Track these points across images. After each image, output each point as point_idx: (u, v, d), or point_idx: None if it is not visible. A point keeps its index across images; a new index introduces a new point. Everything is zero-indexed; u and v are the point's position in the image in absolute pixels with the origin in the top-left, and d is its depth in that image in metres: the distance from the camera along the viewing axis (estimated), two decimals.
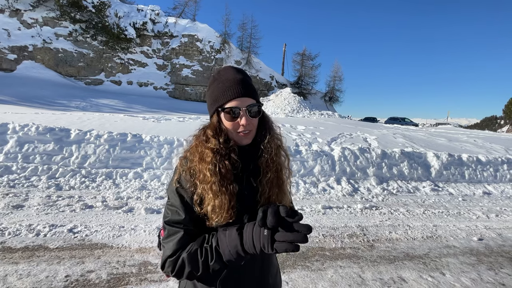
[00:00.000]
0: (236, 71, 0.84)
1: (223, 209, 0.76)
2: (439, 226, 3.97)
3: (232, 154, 0.81)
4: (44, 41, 20.36)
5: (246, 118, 0.79)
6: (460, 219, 4.35)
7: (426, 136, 10.20)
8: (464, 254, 3.19)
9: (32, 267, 2.32)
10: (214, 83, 0.84)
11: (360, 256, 2.98)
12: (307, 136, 7.72)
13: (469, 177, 6.34)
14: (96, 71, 22.26)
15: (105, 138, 5.22)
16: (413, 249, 3.24)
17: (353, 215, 4.18)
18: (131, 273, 2.35)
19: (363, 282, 2.49)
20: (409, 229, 3.79)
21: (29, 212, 3.38)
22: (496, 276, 2.76)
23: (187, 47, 24.63)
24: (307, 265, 2.70)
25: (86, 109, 14.50)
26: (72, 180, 4.42)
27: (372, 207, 4.53)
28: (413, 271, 2.74)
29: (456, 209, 4.81)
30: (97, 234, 2.99)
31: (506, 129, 38.38)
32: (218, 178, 0.77)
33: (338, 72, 31.05)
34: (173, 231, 0.79)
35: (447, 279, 2.64)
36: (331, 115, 19.54)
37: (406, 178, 5.96)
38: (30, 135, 5.00)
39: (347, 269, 2.69)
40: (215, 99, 0.82)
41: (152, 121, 8.07)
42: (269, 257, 0.92)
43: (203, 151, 0.80)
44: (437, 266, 2.87)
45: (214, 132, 0.82)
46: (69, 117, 7.71)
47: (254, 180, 0.85)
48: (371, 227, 3.76)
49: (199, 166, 0.79)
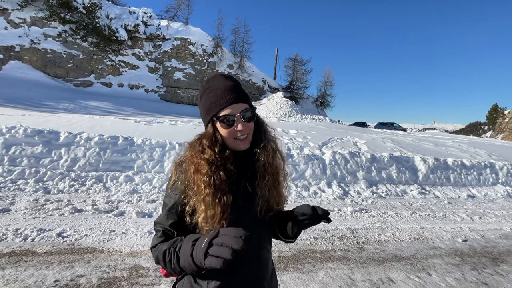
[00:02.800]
0: (225, 78, 0.84)
1: (215, 220, 0.78)
2: (426, 228, 4.09)
3: (227, 164, 0.82)
4: (32, 41, 19.92)
5: (242, 123, 0.80)
6: (445, 221, 4.50)
7: (414, 140, 10.50)
8: (449, 255, 3.31)
9: (19, 272, 2.27)
10: (205, 93, 0.84)
11: (350, 258, 3.04)
12: (299, 140, 7.82)
13: (454, 180, 6.56)
14: (85, 72, 21.90)
15: (95, 141, 5.15)
16: (401, 250, 3.33)
17: (344, 218, 4.27)
18: (122, 277, 2.33)
19: (353, 283, 2.55)
20: (397, 231, 3.89)
21: (15, 216, 3.30)
22: (479, 276, 2.87)
23: (179, 50, 24.58)
24: (298, 267, 2.74)
25: (75, 111, 14.21)
26: (61, 183, 4.34)
27: (362, 210, 4.63)
28: (401, 272, 2.82)
29: (442, 211, 4.97)
30: (87, 238, 2.95)
31: (489, 135, 39.83)
32: (212, 190, 0.78)
33: (329, 78, 31.67)
34: (156, 229, 0.86)
35: (433, 279, 2.73)
36: (322, 120, 19.82)
37: (394, 181, 6.12)
38: (18, 137, 4.88)
39: (337, 270, 2.75)
40: (209, 109, 0.82)
41: (144, 124, 8.00)
42: (265, 260, 0.93)
43: (199, 162, 0.81)
44: (424, 267, 2.97)
45: (210, 142, 0.82)
46: (58, 119, 7.55)
47: (251, 185, 0.87)
48: (361, 230, 3.84)
49: (193, 177, 0.80)
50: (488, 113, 51.27)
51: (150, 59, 24.21)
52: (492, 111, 49.40)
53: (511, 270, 3.04)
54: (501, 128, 30.66)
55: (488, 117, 51.08)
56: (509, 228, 4.38)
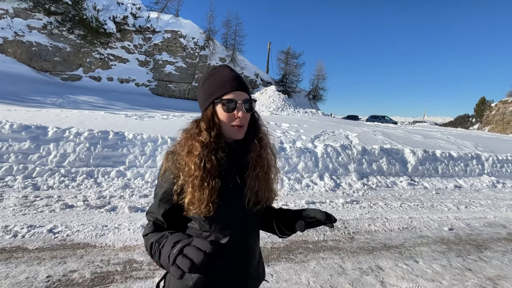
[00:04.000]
0: (231, 69, 0.89)
1: (201, 203, 0.79)
2: (414, 218, 4.22)
3: (220, 151, 0.84)
4: (15, 33, 19.18)
5: (242, 111, 0.82)
6: (433, 211, 4.65)
7: (404, 133, 10.69)
8: (436, 243, 3.43)
9: (10, 268, 2.24)
10: (210, 77, 0.87)
11: (341, 247, 3.12)
12: (291, 134, 7.86)
13: (442, 172, 6.75)
14: (73, 66, 21.29)
15: (85, 136, 5.06)
16: (390, 239, 3.44)
17: (335, 209, 4.35)
18: (115, 271, 2.33)
19: (344, 271, 2.63)
20: (386, 221, 4.00)
21: (4, 213, 3.24)
22: (463, 262, 3.00)
23: (170, 43, 24.12)
24: (291, 257, 2.80)
25: (63, 106, 13.85)
26: (51, 179, 4.26)
27: (353, 201, 4.72)
28: (390, 260, 2.91)
29: (430, 202, 5.12)
30: (79, 233, 2.93)
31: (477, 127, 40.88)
32: (202, 172, 0.80)
33: (321, 71, 31.71)
34: (148, 218, 0.89)
35: (420, 266, 2.83)
36: (315, 113, 19.92)
37: (385, 173, 6.25)
38: (4, 133, 4.75)
39: (328, 260, 2.82)
40: (212, 91, 0.84)
41: (135, 118, 7.89)
42: (251, 248, 0.95)
43: (193, 144, 0.83)
44: (411, 255, 3.07)
45: (207, 125, 0.84)
46: (46, 114, 7.36)
47: (240, 176, 0.88)
48: (352, 220, 3.93)
49: (185, 159, 0.82)
50: (476, 106, 52.49)
51: (140, 52, 23.69)
52: (479, 104, 50.59)
53: (494, 256, 3.18)
54: (488, 120, 31.50)
55: (476, 109, 52.32)
56: (493, 216, 4.55)
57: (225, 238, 0.85)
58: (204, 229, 0.85)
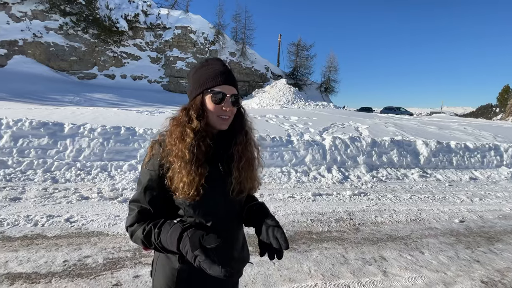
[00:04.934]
0: (223, 63, 0.93)
1: (191, 187, 0.84)
2: (424, 210, 4.15)
3: (207, 138, 0.89)
4: (34, 35, 19.95)
5: (229, 104, 0.88)
6: (444, 203, 4.54)
7: (418, 124, 10.37)
8: (444, 235, 3.37)
9: (31, 254, 2.44)
10: (202, 68, 0.91)
11: (345, 238, 3.14)
12: (300, 127, 7.83)
13: (457, 163, 6.53)
14: (88, 65, 21.96)
15: (98, 132, 5.28)
16: (396, 231, 3.41)
17: (342, 201, 4.34)
18: (126, 257, 2.48)
19: (346, 261, 2.66)
20: (394, 213, 3.96)
21: (26, 204, 3.48)
22: (472, 254, 2.94)
23: (180, 39, 24.30)
24: (293, 247, 2.85)
25: (80, 103, 14.40)
26: (68, 173, 4.51)
27: (360, 193, 4.69)
28: (394, 251, 2.90)
29: (442, 194, 5.00)
30: (93, 223, 3.11)
31: (500, 117, 38.80)
32: (193, 157, 0.85)
33: (333, 63, 30.97)
34: (131, 207, 0.90)
35: (425, 257, 2.81)
36: (326, 106, 19.63)
37: (395, 165, 6.13)
38: (24, 130, 5.04)
39: (331, 250, 2.85)
40: (204, 82, 0.88)
41: (146, 114, 8.11)
42: (235, 233, 1.00)
43: (185, 131, 0.87)
44: (417, 246, 3.05)
45: (197, 113, 0.88)
46: (62, 111, 7.71)
47: (226, 166, 0.93)
48: (358, 212, 3.92)
49: (178, 145, 0.86)
50: (499, 95, 49.72)
51: (152, 49, 24.04)
52: (503, 93, 47.87)
53: (505, 248, 3.10)
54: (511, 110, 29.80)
55: (499, 99, 49.57)
56: (509, 209, 4.39)
57: (208, 222, 0.90)
58: (188, 214, 0.90)
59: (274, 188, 4.72)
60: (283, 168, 5.36)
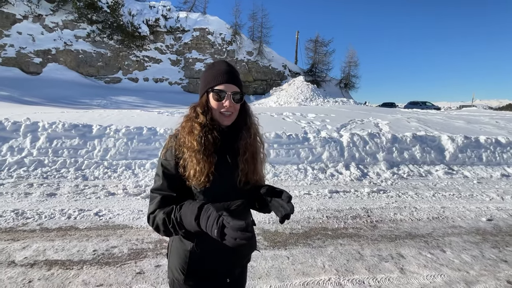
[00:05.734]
0: (227, 64, 1.03)
1: (202, 174, 0.93)
2: (447, 208, 3.97)
3: (215, 131, 0.99)
4: (65, 43, 21.40)
5: (229, 101, 0.97)
6: (471, 201, 4.31)
7: (444, 119, 9.83)
8: (469, 234, 3.22)
9: (65, 243, 2.68)
10: (208, 70, 1.02)
11: (362, 235, 3.10)
12: (317, 124, 7.75)
13: (487, 159, 6.14)
14: (114, 69, 23.15)
15: (123, 132, 5.61)
16: (417, 229, 3.31)
17: (360, 198, 4.27)
18: (148, 248, 2.65)
19: (361, 257, 2.64)
20: (415, 211, 3.83)
21: (61, 199, 3.81)
22: (499, 254, 2.79)
23: (198, 40, 24.86)
24: (308, 242, 2.88)
25: (107, 106, 15.26)
26: (96, 171, 4.84)
27: (379, 190, 4.58)
28: (413, 249, 2.83)
29: (469, 191, 4.74)
30: (119, 217, 3.33)
31: None
32: (202, 148, 0.95)
33: (353, 57, 30.06)
34: (153, 196, 0.97)
35: (447, 256, 2.71)
36: (346, 102, 19.14)
37: (418, 162, 5.89)
38: (58, 131, 5.48)
39: (347, 246, 2.84)
40: (208, 82, 0.99)
41: (166, 115, 8.44)
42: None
43: (193, 125, 0.98)
44: (439, 244, 2.94)
45: (203, 109, 1.00)
46: (91, 114, 8.25)
47: (232, 158, 1.02)
48: (376, 209, 3.84)
49: (188, 138, 0.97)
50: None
51: (172, 52, 24.83)
52: None
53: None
54: None
55: None
56: None
57: None
58: (199, 200, 0.98)
59: (290, 185, 4.74)
60: (299, 165, 5.36)
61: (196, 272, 1.00)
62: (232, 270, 1.07)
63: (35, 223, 3.07)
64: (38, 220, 3.15)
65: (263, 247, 2.75)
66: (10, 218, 3.15)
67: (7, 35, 19.94)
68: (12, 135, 5.37)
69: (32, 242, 2.68)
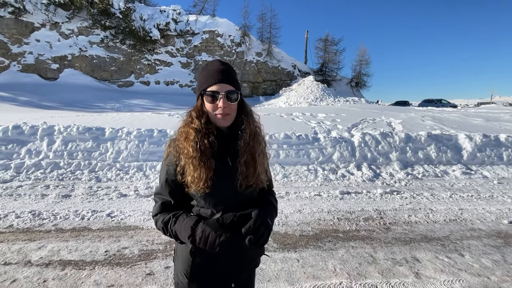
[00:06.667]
0: (221, 63, 0.99)
1: (200, 180, 0.91)
2: (466, 210, 3.80)
3: (211, 135, 0.95)
4: (80, 49, 22.14)
5: (224, 101, 0.92)
6: (491, 202, 4.11)
7: (460, 117, 9.47)
8: (490, 237, 3.06)
9: (79, 244, 2.74)
10: (202, 72, 1.00)
11: (374, 237, 3.01)
12: (327, 124, 7.63)
13: (508, 158, 5.85)
14: (126, 73, 23.72)
15: (134, 135, 5.71)
16: (433, 231, 3.18)
17: (372, 199, 4.16)
18: (158, 249, 2.67)
19: (374, 261, 2.55)
20: (431, 213, 3.69)
21: (75, 200, 3.91)
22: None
23: (208, 43, 25.11)
24: (319, 245, 2.82)
25: (120, 109, 15.65)
26: (109, 173, 4.95)
27: (393, 191, 4.45)
28: (429, 252, 2.72)
29: (489, 192, 4.53)
30: (130, 218, 3.38)
31: None
32: (199, 154, 0.92)
33: (364, 56, 29.50)
34: (155, 199, 1.02)
35: (465, 260, 2.59)
36: (357, 101, 18.80)
37: (433, 162, 5.69)
38: (72, 134, 5.65)
39: (359, 249, 2.76)
40: (201, 84, 0.97)
41: (177, 117, 8.55)
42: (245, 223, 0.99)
43: (188, 131, 0.96)
44: (457, 248, 2.81)
45: (197, 114, 0.97)
46: (104, 117, 8.47)
47: (233, 161, 0.98)
48: (389, 211, 3.73)
49: (184, 144, 0.95)
50: None
51: (182, 55, 25.19)
52: None
53: None
54: None
55: None
56: None
57: (218, 213, 0.96)
58: (200, 205, 0.98)
59: (300, 186, 4.68)
60: (309, 166, 5.28)
61: (200, 276, 0.99)
62: (238, 274, 1.05)
63: (51, 224, 3.17)
64: (53, 220, 3.25)
65: (273, 249, 2.71)
66: (28, 219, 3.26)
67: (26, 43, 20.85)
68: (30, 138, 5.57)
69: (48, 242, 2.76)
